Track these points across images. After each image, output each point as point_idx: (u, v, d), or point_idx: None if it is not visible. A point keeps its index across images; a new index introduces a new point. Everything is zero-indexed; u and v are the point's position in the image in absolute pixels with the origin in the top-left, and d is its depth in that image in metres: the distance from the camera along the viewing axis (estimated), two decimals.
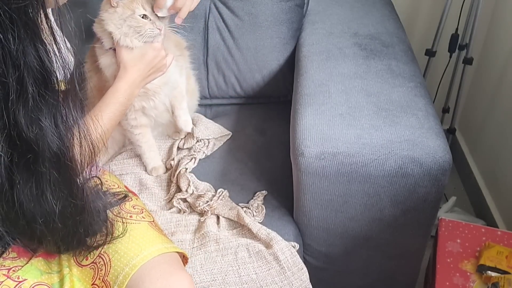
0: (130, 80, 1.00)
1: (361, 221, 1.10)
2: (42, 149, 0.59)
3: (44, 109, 0.59)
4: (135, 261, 0.77)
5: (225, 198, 1.15)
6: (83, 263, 0.80)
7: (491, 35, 1.67)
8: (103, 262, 0.78)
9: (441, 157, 0.99)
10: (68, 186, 0.66)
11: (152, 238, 0.82)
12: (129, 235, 0.81)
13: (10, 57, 0.54)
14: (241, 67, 1.42)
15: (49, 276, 0.79)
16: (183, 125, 1.23)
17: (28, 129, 0.57)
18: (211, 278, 1.00)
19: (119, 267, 0.77)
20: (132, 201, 0.91)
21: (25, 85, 0.56)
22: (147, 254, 0.78)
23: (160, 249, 0.80)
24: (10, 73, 0.54)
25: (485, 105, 1.71)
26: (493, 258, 1.12)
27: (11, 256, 0.78)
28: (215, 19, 1.39)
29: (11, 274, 0.75)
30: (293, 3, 1.39)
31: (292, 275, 1.03)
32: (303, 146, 1.02)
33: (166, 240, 0.85)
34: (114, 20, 1.00)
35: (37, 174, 0.61)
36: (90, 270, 0.79)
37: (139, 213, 0.87)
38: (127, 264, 0.77)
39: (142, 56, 1.02)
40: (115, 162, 1.25)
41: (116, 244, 0.80)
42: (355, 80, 1.17)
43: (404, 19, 1.51)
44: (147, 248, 0.79)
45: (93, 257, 0.80)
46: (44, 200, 0.64)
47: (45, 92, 0.58)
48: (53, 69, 0.58)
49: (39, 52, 0.56)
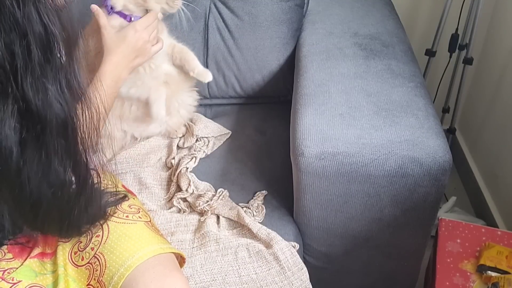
0: (114, 62, 1.02)
1: (361, 221, 1.10)
2: (50, 118, 0.60)
3: (49, 75, 0.59)
4: (130, 261, 0.76)
5: (225, 198, 1.15)
6: (79, 263, 0.80)
7: (491, 35, 1.67)
8: (99, 262, 0.78)
9: (441, 157, 0.99)
10: (73, 156, 0.66)
11: (148, 239, 0.82)
12: (125, 235, 0.81)
13: (16, 25, 0.54)
14: (241, 67, 1.42)
15: (43, 277, 0.78)
16: (204, 75, 1.23)
17: (35, 97, 0.58)
18: (211, 278, 1.00)
19: (114, 267, 0.76)
20: (129, 201, 0.90)
21: (32, 52, 0.56)
22: (142, 254, 0.77)
23: (156, 250, 0.79)
24: (18, 41, 0.55)
25: (485, 105, 1.71)
26: (493, 258, 1.12)
27: (7, 258, 0.77)
28: (215, 19, 1.39)
29: (6, 276, 0.74)
30: (293, 3, 1.39)
31: (292, 275, 1.03)
32: (303, 146, 1.02)
33: (162, 240, 0.84)
34: None
35: (45, 146, 0.61)
36: (86, 271, 0.78)
37: (136, 212, 0.87)
38: (122, 264, 0.76)
39: (124, 37, 1.03)
40: (115, 161, 1.25)
41: (112, 245, 0.79)
42: (355, 80, 1.17)
43: (404, 19, 1.51)
44: (143, 249, 0.79)
45: (88, 257, 0.79)
46: (52, 171, 0.64)
47: (50, 56, 0.58)
48: (57, 32, 0.59)
49: (42, 17, 0.56)
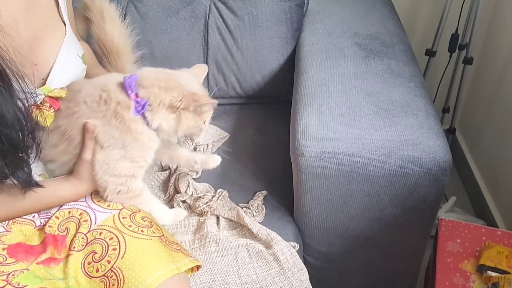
0: (81, 192, 0.89)
1: (361, 221, 1.10)
2: None
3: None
4: (150, 280, 0.77)
5: (224, 198, 1.15)
6: (93, 274, 0.80)
7: (491, 35, 1.67)
8: (116, 277, 0.78)
9: (441, 157, 0.99)
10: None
11: (164, 256, 0.82)
12: (143, 251, 0.81)
13: None
14: (241, 67, 1.43)
15: (50, 282, 0.78)
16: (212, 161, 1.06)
17: None
18: (211, 278, 1.00)
19: (133, 284, 0.77)
20: (141, 213, 0.90)
21: None
22: (161, 274, 0.78)
23: (173, 270, 0.80)
24: None
25: (485, 105, 1.71)
26: (493, 258, 1.12)
27: (9, 262, 0.77)
28: (215, 19, 1.39)
29: (11, 280, 0.74)
30: (293, 3, 1.39)
31: (292, 276, 1.03)
32: (303, 146, 1.02)
33: (176, 257, 0.84)
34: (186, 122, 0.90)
35: None
36: (100, 283, 0.78)
37: (149, 227, 0.87)
38: (142, 282, 0.77)
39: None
40: None
41: (130, 260, 0.80)
42: (355, 80, 1.17)
43: (404, 19, 1.51)
44: (160, 268, 0.79)
45: (104, 270, 0.79)
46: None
47: None
48: None
49: None
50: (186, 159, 1.05)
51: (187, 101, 0.87)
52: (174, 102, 0.87)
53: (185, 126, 0.90)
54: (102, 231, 0.84)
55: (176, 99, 0.87)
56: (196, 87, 0.92)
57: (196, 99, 0.88)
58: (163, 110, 0.87)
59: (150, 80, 0.87)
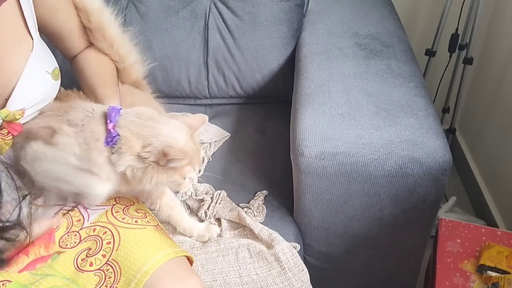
0: None
1: (361, 221, 1.10)
2: None
3: None
4: (146, 267, 0.77)
5: (224, 200, 1.15)
6: (86, 268, 0.79)
7: (491, 35, 1.67)
8: (113, 270, 0.78)
9: (441, 157, 0.99)
10: None
11: (160, 243, 0.82)
12: (137, 241, 0.81)
13: None
14: (241, 67, 1.43)
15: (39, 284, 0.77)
16: (212, 230, 1.05)
17: None
18: (212, 278, 1.00)
19: (130, 274, 0.77)
20: (135, 205, 0.90)
21: None
22: (158, 259, 0.78)
23: (170, 254, 0.80)
24: None
25: (485, 105, 1.71)
26: (493, 258, 1.12)
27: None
28: (215, 19, 1.39)
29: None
30: (293, 3, 1.39)
31: (293, 276, 1.03)
32: (303, 146, 1.02)
33: (173, 244, 0.84)
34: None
35: None
36: (95, 277, 0.78)
37: (143, 217, 0.87)
38: (139, 271, 0.76)
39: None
40: None
41: (125, 251, 0.79)
42: (355, 80, 1.17)
43: (404, 19, 1.51)
44: (157, 254, 0.79)
45: (99, 264, 0.79)
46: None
47: None
48: None
49: None
50: (183, 228, 1.03)
51: (156, 154, 0.79)
52: (141, 153, 0.79)
53: (154, 180, 0.81)
54: (95, 228, 0.84)
55: (145, 149, 0.79)
56: (180, 140, 0.83)
57: (166, 153, 0.79)
58: (130, 157, 0.80)
59: (126, 121, 0.81)
